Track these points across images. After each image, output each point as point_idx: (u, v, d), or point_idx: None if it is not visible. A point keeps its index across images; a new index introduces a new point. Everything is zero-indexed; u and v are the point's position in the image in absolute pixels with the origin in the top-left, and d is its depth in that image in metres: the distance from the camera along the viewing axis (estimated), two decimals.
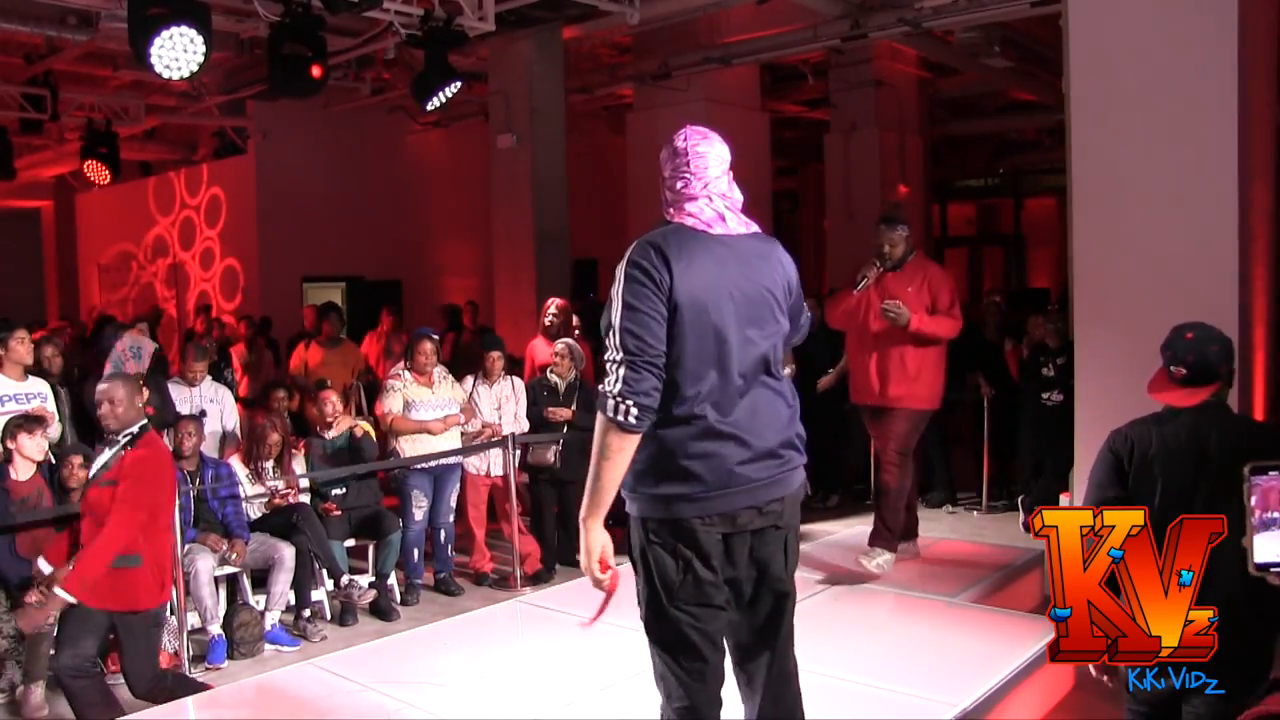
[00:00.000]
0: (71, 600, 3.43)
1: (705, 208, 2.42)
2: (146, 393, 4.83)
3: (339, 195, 12.72)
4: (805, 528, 6.73)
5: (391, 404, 5.63)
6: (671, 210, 2.45)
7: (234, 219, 13.00)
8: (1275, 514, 1.26)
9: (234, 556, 4.79)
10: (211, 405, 5.79)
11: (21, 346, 4.80)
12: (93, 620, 3.51)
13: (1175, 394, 2.59)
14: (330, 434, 5.55)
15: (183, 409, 5.59)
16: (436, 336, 5.87)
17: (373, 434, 5.70)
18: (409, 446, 5.60)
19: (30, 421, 4.48)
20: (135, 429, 3.63)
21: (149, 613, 3.59)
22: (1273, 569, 1.26)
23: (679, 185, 2.45)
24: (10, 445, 4.40)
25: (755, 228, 2.50)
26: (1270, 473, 1.27)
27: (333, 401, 5.64)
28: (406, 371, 5.72)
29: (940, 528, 6.78)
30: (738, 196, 2.52)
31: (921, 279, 5.02)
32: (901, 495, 5.17)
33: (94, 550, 3.42)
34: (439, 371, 5.78)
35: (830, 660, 4.07)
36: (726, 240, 2.40)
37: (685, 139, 2.48)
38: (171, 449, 5.04)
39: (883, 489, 5.21)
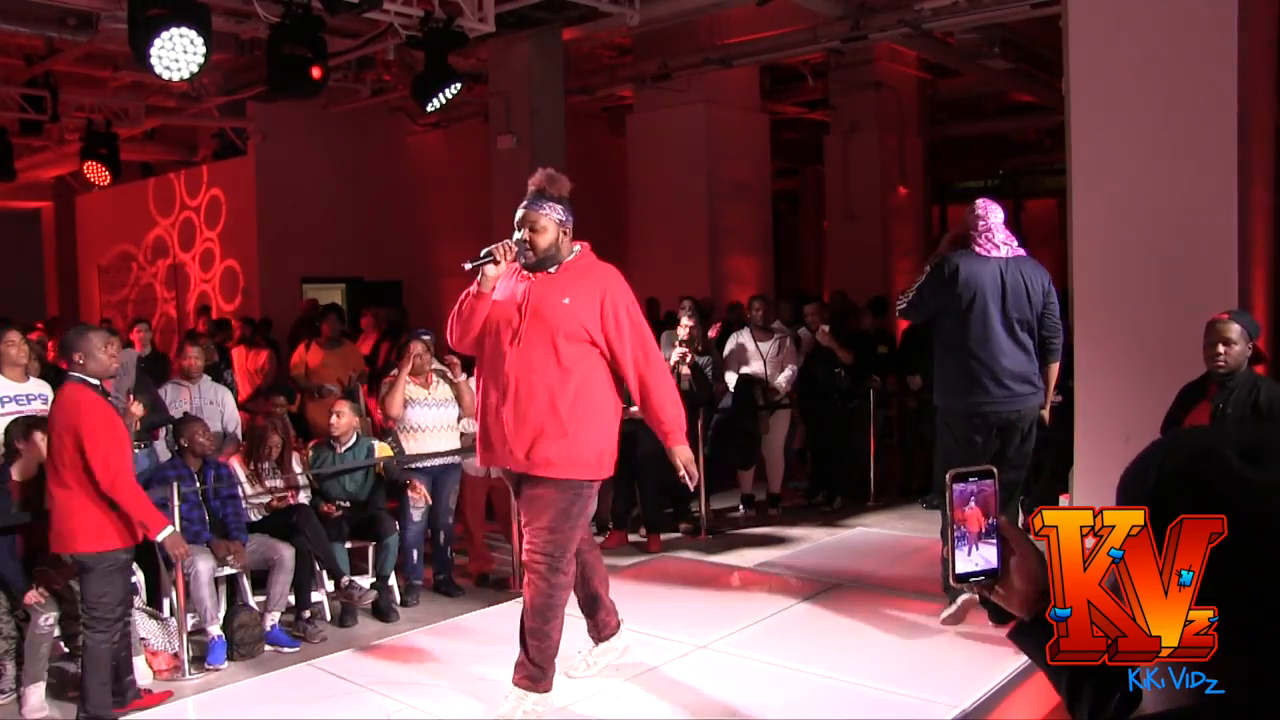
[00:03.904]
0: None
1: None
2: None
3: (339, 196, 12.72)
4: (805, 530, 6.78)
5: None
6: None
7: (234, 220, 13.00)
8: (965, 528, 1.23)
9: (231, 559, 4.79)
10: (211, 406, 5.78)
11: (14, 349, 4.78)
12: None
13: None
14: (342, 448, 5.51)
15: (182, 409, 5.59)
16: (429, 336, 5.84)
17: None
18: (409, 446, 5.60)
19: (42, 424, 4.46)
20: None
21: None
22: (972, 578, 1.24)
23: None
24: (21, 446, 4.39)
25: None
26: (969, 479, 1.20)
27: (347, 414, 5.57)
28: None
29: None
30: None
31: (593, 291, 3.51)
32: (551, 613, 3.50)
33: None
34: (436, 371, 5.77)
35: (830, 661, 4.07)
36: None
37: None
38: (179, 449, 5.05)
39: (525, 606, 3.55)
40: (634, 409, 6.50)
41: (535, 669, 3.55)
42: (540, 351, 3.44)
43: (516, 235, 3.55)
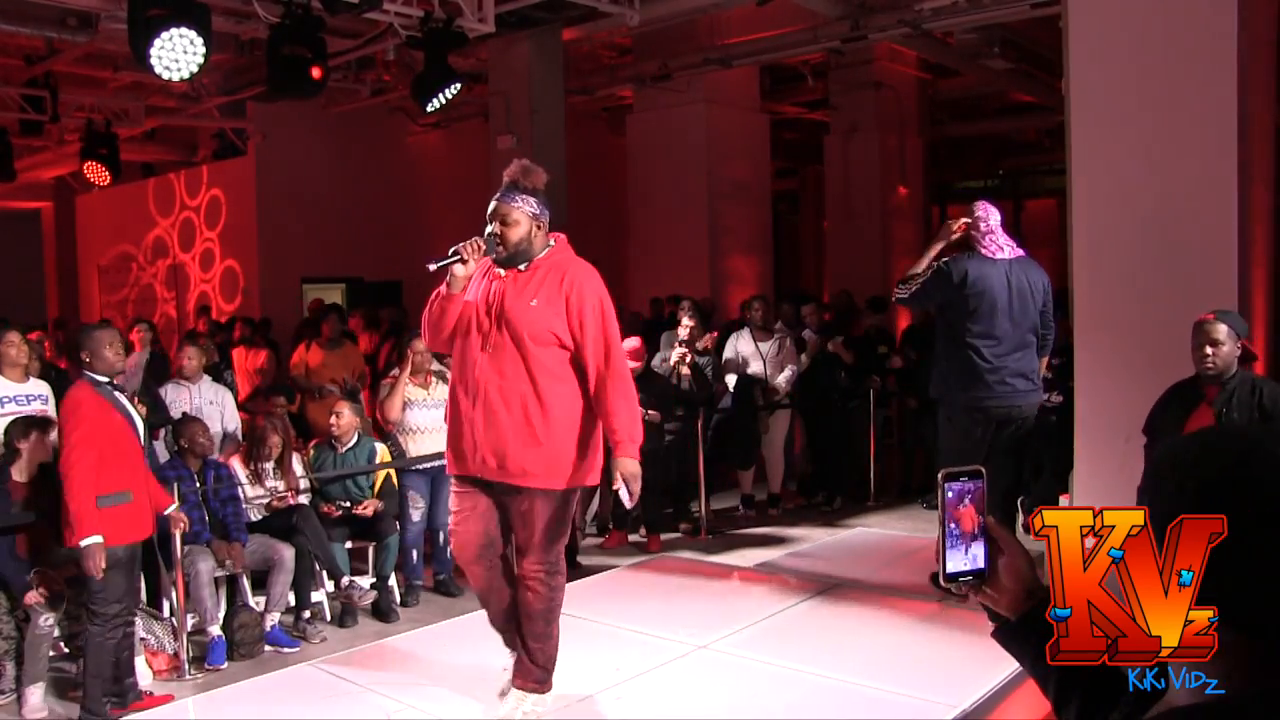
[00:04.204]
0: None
1: None
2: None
3: (339, 196, 12.73)
4: (806, 529, 6.78)
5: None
6: None
7: (234, 220, 13.00)
8: (959, 528, 1.24)
9: (229, 562, 4.78)
10: (210, 406, 5.78)
11: (14, 349, 4.79)
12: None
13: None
14: (344, 448, 5.51)
15: (181, 410, 5.58)
16: None
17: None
18: (409, 447, 5.60)
19: (42, 424, 4.47)
20: None
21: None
22: (961, 578, 1.25)
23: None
24: (21, 446, 4.40)
25: None
26: (962, 479, 1.22)
27: (347, 414, 5.56)
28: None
29: None
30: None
31: (561, 289, 3.34)
32: (553, 615, 3.49)
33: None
34: (436, 372, 5.77)
35: (830, 661, 4.07)
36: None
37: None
38: (179, 450, 5.04)
39: (526, 612, 3.48)
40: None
41: (540, 671, 3.51)
42: (510, 358, 3.30)
43: (488, 229, 3.39)
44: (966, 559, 1.23)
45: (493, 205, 3.42)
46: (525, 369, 3.29)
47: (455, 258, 3.30)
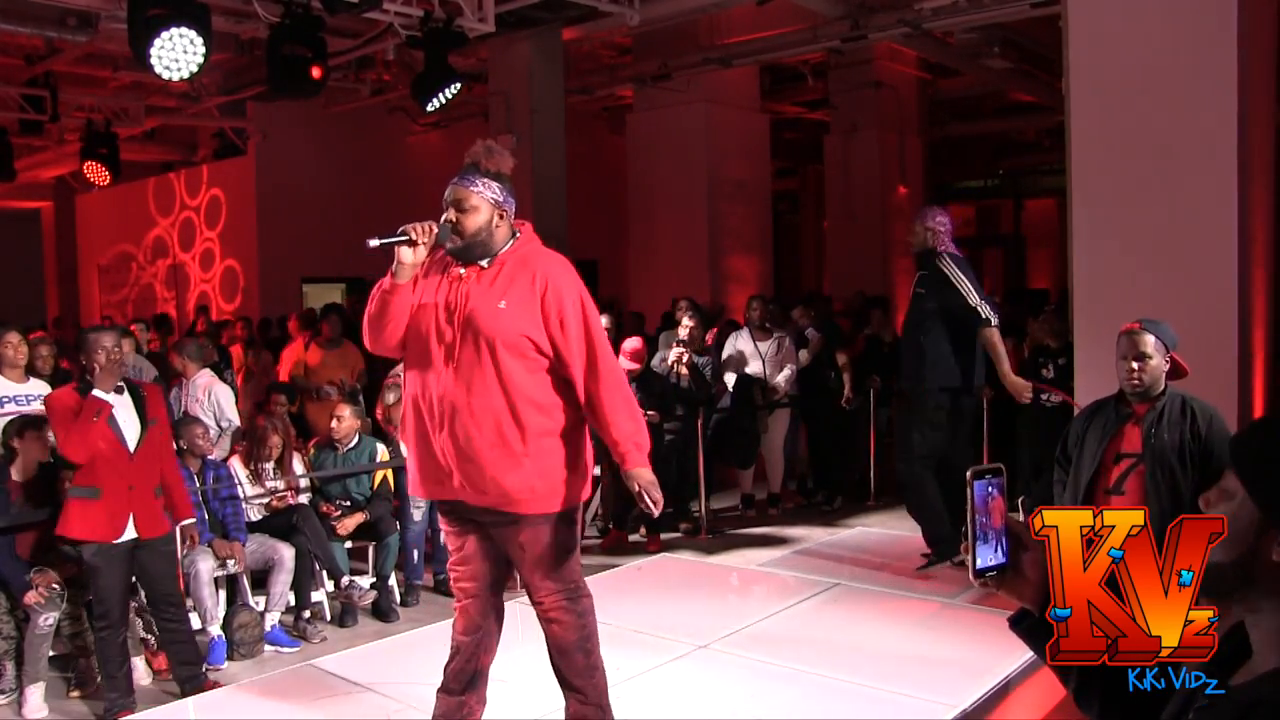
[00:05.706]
0: None
1: None
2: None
3: (339, 195, 12.72)
4: (806, 529, 6.78)
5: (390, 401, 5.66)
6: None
7: (234, 220, 13.01)
8: (989, 523, 1.26)
9: (232, 563, 4.78)
10: (194, 404, 5.74)
11: (12, 349, 4.80)
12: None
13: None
14: (344, 448, 5.50)
15: (175, 409, 5.57)
16: None
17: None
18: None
19: (38, 423, 4.47)
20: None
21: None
22: (989, 574, 1.27)
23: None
24: (18, 445, 4.40)
25: None
26: (987, 476, 1.26)
27: (348, 417, 5.55)
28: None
29: None
30: None
31: (532, 287, 2.91)
32: (591, 642, 3.07)
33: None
34: None
35: (830, 661, 4.07)
36: None
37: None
38: (178, 450, 5.03)
39: (558, 648, 3.06)
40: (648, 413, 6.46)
41: (595, 709, 3.02)
42: (480, 371, 2.85)
43: (443, 217, 2.95)
44: (995, 555, 1.26)
45: (449, 190, 2.98)
46: (498, 383, 2.85)
47: (402, 237, 2.86)
